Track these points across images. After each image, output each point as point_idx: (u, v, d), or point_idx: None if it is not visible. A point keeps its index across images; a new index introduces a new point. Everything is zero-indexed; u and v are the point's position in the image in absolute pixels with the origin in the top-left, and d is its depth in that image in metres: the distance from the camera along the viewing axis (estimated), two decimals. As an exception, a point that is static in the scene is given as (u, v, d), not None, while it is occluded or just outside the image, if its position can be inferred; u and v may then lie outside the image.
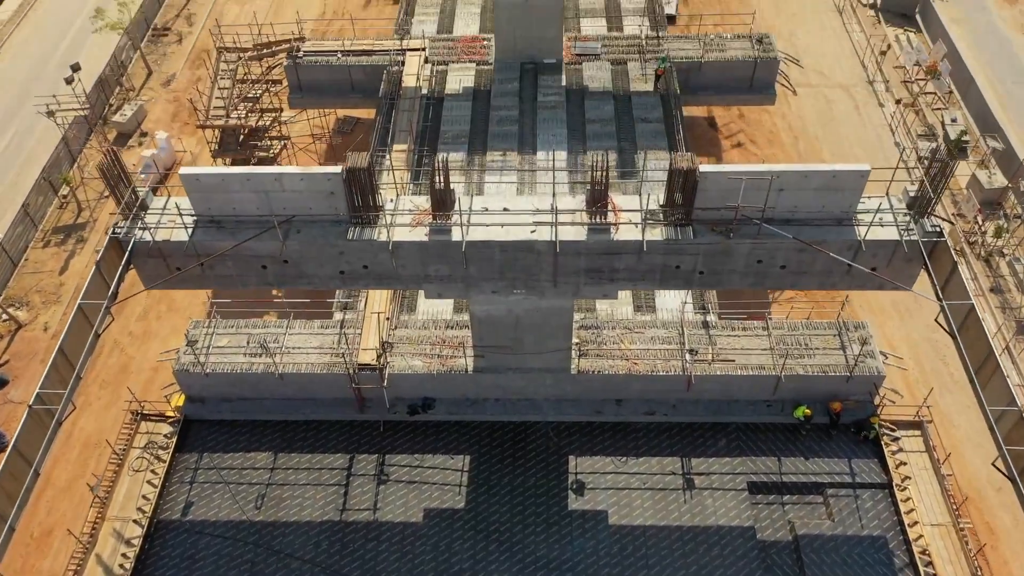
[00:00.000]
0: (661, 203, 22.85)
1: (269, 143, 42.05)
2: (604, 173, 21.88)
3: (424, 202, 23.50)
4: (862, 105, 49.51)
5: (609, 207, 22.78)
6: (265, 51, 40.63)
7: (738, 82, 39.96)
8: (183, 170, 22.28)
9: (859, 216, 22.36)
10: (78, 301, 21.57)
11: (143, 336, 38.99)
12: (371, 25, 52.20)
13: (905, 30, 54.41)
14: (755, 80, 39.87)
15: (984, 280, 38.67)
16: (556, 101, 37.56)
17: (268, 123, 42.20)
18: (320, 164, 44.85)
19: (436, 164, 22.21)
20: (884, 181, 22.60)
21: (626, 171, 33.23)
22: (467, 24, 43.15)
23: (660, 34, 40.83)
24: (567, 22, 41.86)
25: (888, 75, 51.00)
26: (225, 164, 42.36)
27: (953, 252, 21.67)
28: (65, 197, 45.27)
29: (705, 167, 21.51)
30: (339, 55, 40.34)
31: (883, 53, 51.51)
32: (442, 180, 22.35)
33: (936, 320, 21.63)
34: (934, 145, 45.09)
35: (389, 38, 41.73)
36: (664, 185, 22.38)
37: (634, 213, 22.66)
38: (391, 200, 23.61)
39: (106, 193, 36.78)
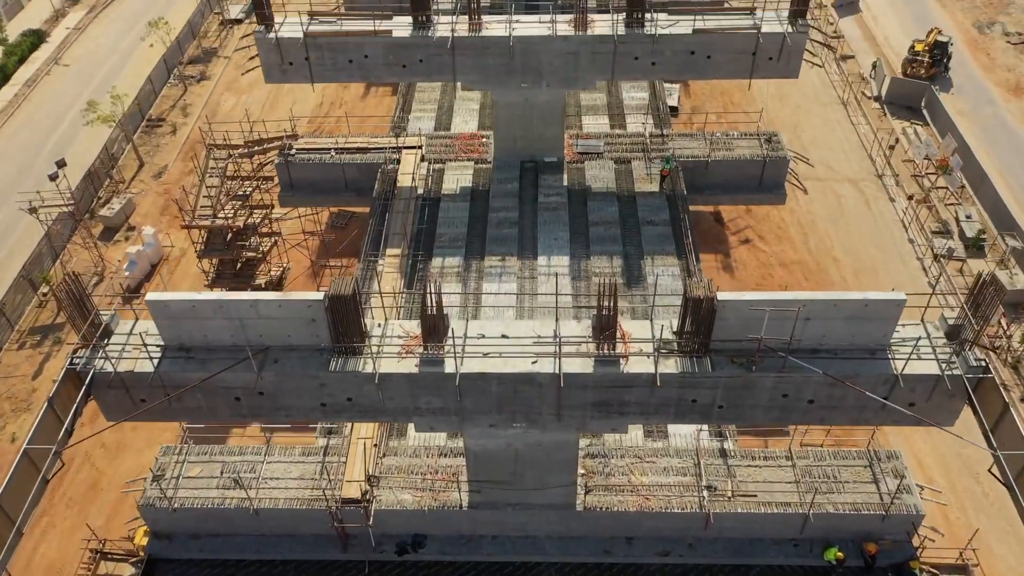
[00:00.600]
0: (675, 331, 20.79)
1: (258, 241, 40.33)
2: (612, 299, 19.88)
3: (414, 328, 21.44)
4: (872, 200, 48.09)
5: (618, 335, 20.70)
6: (256, 148, 39.31)
7: (746, 181, 38.50)
8: (150, 296, 20.27)
9: (894, 347, 20.26)
10: (23, 445, 19.23)
11: (116, 448, 36.38)
12: (369, 116, 51.28)
13: (912, 123, 53.50)
14: (764, 179, 38.40)
15: (1015, 390, 36.34)
16: (558, 202, 35.98)
17: (258, 220, 40.55)
18: (312, 260, 43.13)
19: (428, 287, 20.22)
20: (919, 307, 20.63)
21: (632, 279, 31.32)
22: (465, 121, 42.03)
23: (665, 132, 39.58)
24: (568, 119, 40.70)
25: (897, 169, 49.76)
26: (211, 264, 40.60)
27: (1003, 391, 19.46)
28: (45, 295, 43.31)
29: (724, 295, 19.52)
30: (333, 152, 39.00)
31: (892, 148, 50.38)
32: (434, 305, 20.34)
33: (990, 471, 19.23)
34: (951, 243, 43.49)
35: (385, 135, 40.46)
36: (678, 308, 20.37)
37: (645, 343, 20.58)
38: (379, 325, 21.57)
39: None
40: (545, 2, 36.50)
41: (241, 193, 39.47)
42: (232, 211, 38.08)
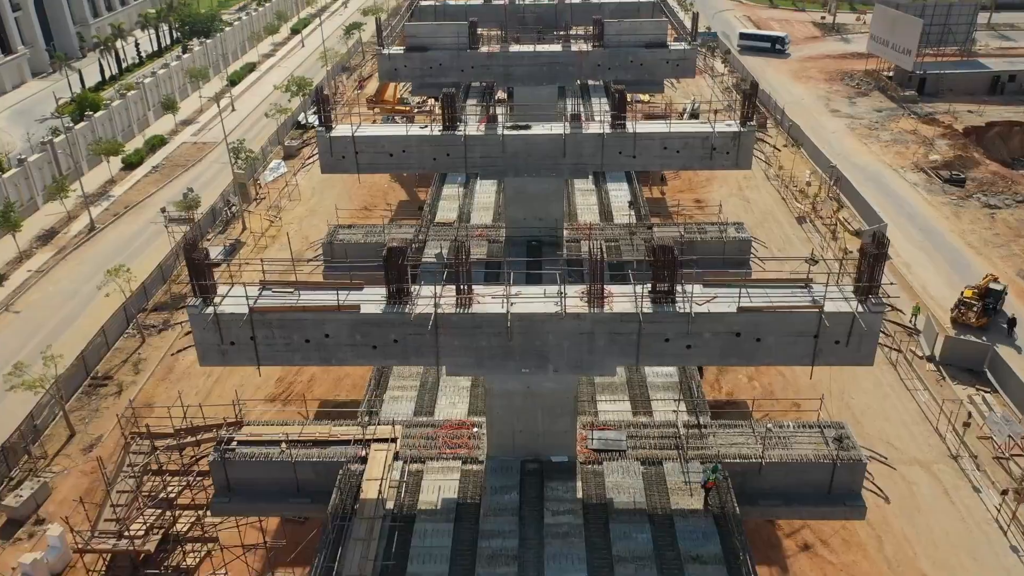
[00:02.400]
0: None
1: (182, 556, 31.08)
2: None
3: None
4: (952, 490, 39.26)
5: None
6: (188, 440, 31.18)
7: (812, 488, 29.93)
8: None
9: None
10: None
11: None
12: (333, 401, 43.82)
13: (978, 389, 45.86)
14: (834, 486, 29.84)
15: None
16: (570, 525, 27.20)
17: (185, 528, 31.56)
18: None
19: None
20: None
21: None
22: (452, 403, 34.26)
23: (703, 422, 31.62)
24: (582, 405, 32.91)
25: (975, 449, 41.38)
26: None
27: None
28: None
29: None
30: (283, 446, 30.80)
31: (966, 424, 42.26)
32: None
33: None
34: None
35: (352, 422, 32.44)
36: None
37: None
38: None
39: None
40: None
41: (164, 498, 30.78)
42: (145, 526, 29.15)
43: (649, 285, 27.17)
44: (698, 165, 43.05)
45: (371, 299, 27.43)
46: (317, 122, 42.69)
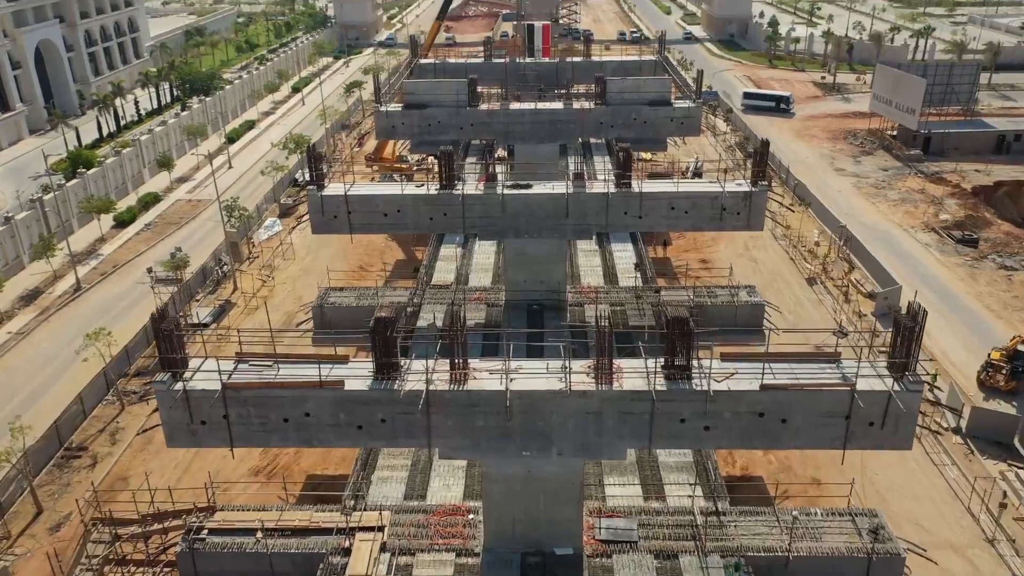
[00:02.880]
0: None
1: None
2: None
3: None
4: (992, 579, 36.09)
5: None
6: (154, 527, 28.28)
7: (845, 585, 26.93)
8: None
9: None
10: None
11: None
12: (320, 481, 40.74)
13: (1010, 464, 42.91)
14: (870, 582, 26.87)
15: None
16: (577, 630, 24.16)
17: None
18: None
19: None
20: None
21: None
22: (447, 485, 31.41)
23: (721, 509, 28.76)
24: (588, 488, 30.06)
25: (1013, 532, 38.28)
26: None
27: None
28: None
29: None
30: (259, 535, 27.88)
31: (1002, 506, 39.25)
32: None
33: None
34: None
35: (335, 508, 29.56)
36: None
37: None
38: None
39: None
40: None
41: (125, 593, 27.75)
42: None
43: (662, 359, 24.77)
44: (708, 226, 41.03)
45: (357, 374, 25.00)
46: (309, 180, 40.93)
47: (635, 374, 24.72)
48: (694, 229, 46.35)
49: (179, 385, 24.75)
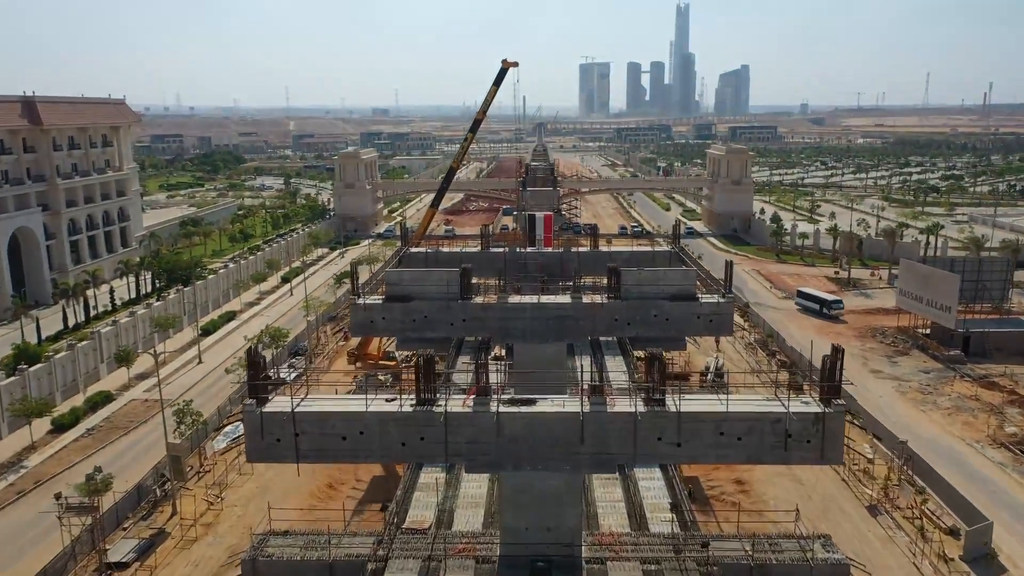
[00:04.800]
0: None
1: None
2: None
3: None
4: None
5: None
6: None
7: None
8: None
9: None
10: None
11: None
12: None
13: None
14: None
15: None
16: None
17: None
18: None
19: None
20: None
21: None
22: None
23: None
24: None
25: None
26: None
27: None
28: None
29: None
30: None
31: None
32: None
33: None
34: None
35: None
36: None
37: None
38: None
39: None
40: None
41: None
42: None
43: None
44: (769, 458, 30.89)
45: None
46: (248, 393, 31.44)
47: None
48: (750, 462, 35.15)
49: None
